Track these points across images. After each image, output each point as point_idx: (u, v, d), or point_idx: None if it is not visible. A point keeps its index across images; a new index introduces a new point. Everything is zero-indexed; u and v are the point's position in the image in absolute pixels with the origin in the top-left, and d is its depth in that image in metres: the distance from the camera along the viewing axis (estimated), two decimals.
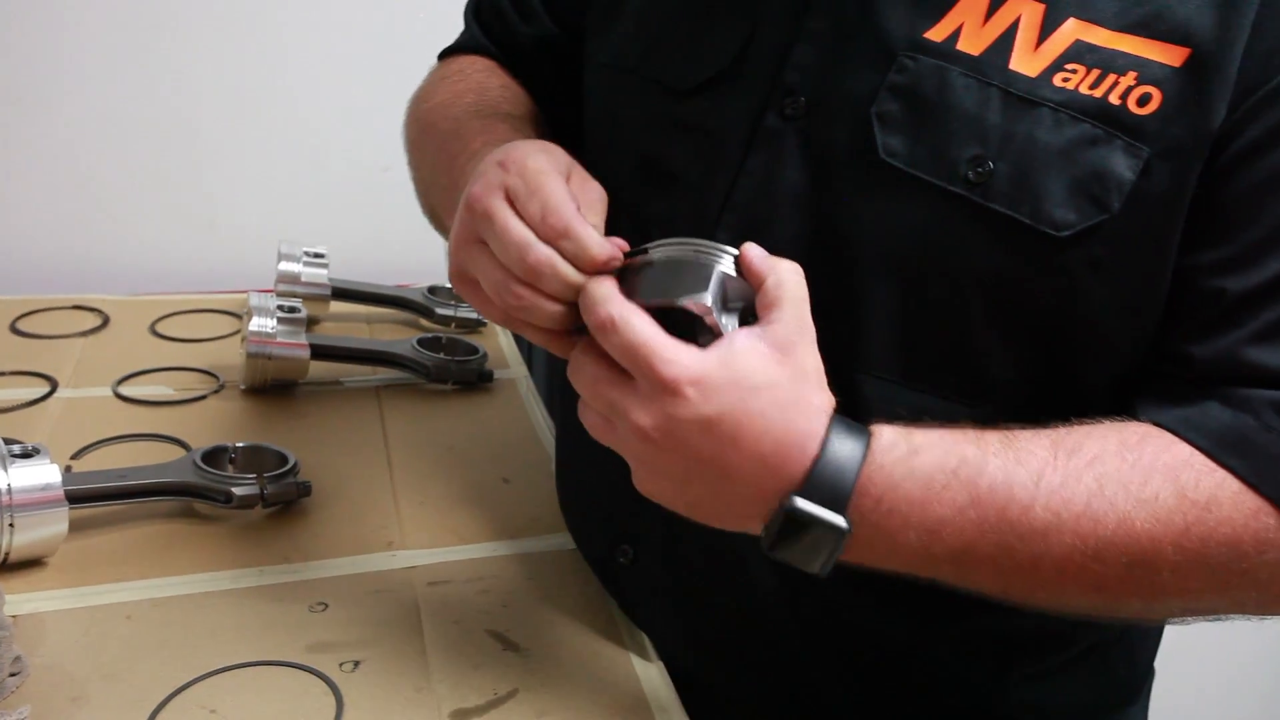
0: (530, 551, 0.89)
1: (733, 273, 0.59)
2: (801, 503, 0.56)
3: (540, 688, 0.73)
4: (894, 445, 0.58)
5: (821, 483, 0.56)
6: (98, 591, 0.79)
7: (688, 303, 0.58)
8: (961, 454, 0.58)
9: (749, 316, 0.59)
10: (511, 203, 0.61)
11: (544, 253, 0.59)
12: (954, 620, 0.73)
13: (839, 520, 0.56)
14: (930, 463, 0.57)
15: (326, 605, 0.80)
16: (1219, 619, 0.62)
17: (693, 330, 0.59)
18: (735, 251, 0.59)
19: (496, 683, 0.73)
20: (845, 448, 0.57)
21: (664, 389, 0.55)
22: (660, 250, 0.60)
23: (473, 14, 0.99)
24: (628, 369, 0.57)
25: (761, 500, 0.57)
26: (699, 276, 0.59)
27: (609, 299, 0.57)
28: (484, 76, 0.92)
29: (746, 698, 0.79)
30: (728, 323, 0.59)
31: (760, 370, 0.56)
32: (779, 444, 0.56)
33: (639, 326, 0.56)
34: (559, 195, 0.60)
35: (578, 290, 0.59)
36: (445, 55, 1.00)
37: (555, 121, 0.88)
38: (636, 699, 0.74)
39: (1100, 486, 0.57)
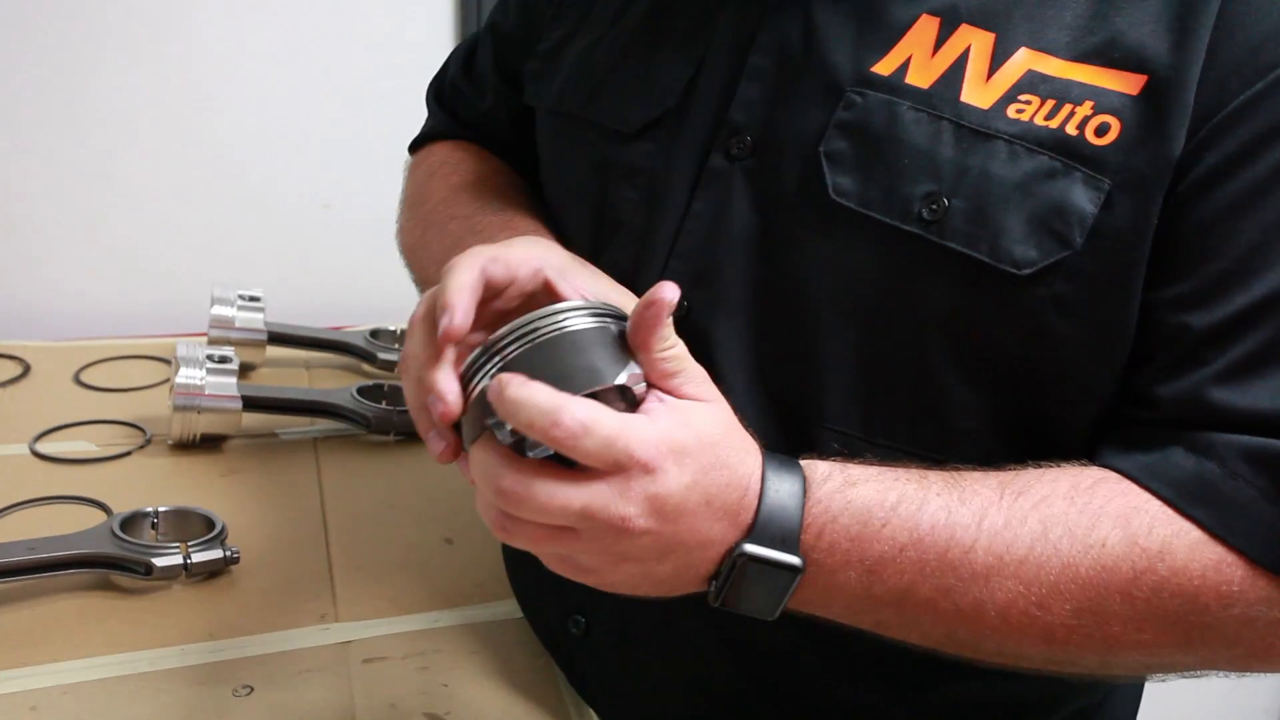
0: (474, 621, 0.84)
1: (602, 325, 0.54)
2: (753, 548, 0.54)
3: None
4: (829, 477, 0.55)
5: (770, 524, 0.54)
6: (1, 678, 0.73)
7: (623, 380, 0.52)
8: (901, 490, 0.55)
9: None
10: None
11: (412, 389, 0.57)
12: (926, 689, 0.69)
13: (793, 559, 0.54)
14: (868, 496, 0.55)
15: (252, 689, 0.74)
16: (1194, 675, 0.59)
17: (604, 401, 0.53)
18: (573, 304, 0.54)
19: None
20: (785, 485, 0.54)
21: (644, 471, 0.50)
22: (515, 344, 0.53)
23: (434, 98, 0.98)
24: (595, 466, 0.50)
25: (719, 557, 0.55)
26: (603, 347, 0.53)
27: (565, 404, 0.49)
28: (474, 163, 0.89)
29: None
30: (638, 377, 0.54)
31: (710, 421, 0.53)
32: (738, 491, 0.53)
33: (606, 420, 0.50)
34: (415, 334, 0.57)
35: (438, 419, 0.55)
36: (416, 146, 0.96)
37: (537, 187, 0.85)
38: None
39: (1045, 530, 0.55)
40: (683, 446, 0.51)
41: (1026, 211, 0.57)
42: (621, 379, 0.52)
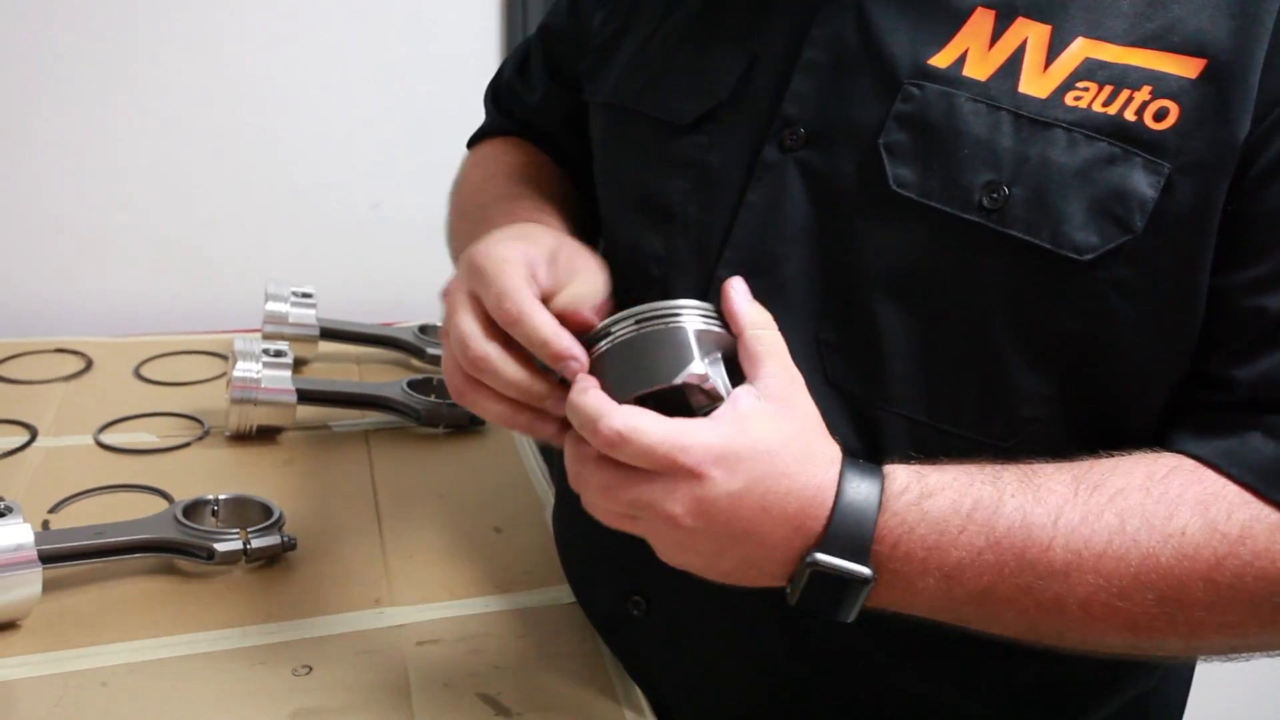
0: (523, 607, 0.85)
1: (703, 326, 0.58)
2: (824, 557, 0.55)
3: None
4: (906, 489, 0.56)
5: (841, 534, 0.55)
6: (72, 656, 0.75)
7: (685, 378, 0.56)
8: (976, 495, 0.56)
9: (730, 363, 0.58)
10: (475, 296, 0.62)
11: (483, 349, 0.60)
12: (980, 671, 0.69)
13: (863, 570, 0.55)
14: (944, 505, 0.56)
15: (310, 668, 0.75)
16: (1277, 654, 0.59)
17: (682, 396, 0.57)
18: (696, 304, 0.59)
19: None
20: (860, 496, 0.56)
21: (690, 476, 0.54)
22: (624, 328, 0.59)
23: (491, 99, 1.01)
24: (646, 468, 0.55)
25: (789, 560, 0.57)
26: (675, 347, 0.57)
27: (606, 412, 0.55)
28: (511, 156, 0.92)
29: None
30: (718, 378, 0.57)
31: (773, 430, 0.55)
32: (802, 501, 0.55)
33: (648, 429, 0.54)
34: (512, 283, 0.60)
35: (516, 387, 0.60)
36: (473, 142, 1.00)
37: (587, 182, 0.86)
38: None
39: (1122, 523, 0.55)
40: (735, 454, 0.54)
41: (1087, 198, 0.57)
42: (680, 379, 0.56)
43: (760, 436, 0.54)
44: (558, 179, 0.90)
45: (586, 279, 0.63)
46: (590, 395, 0.56)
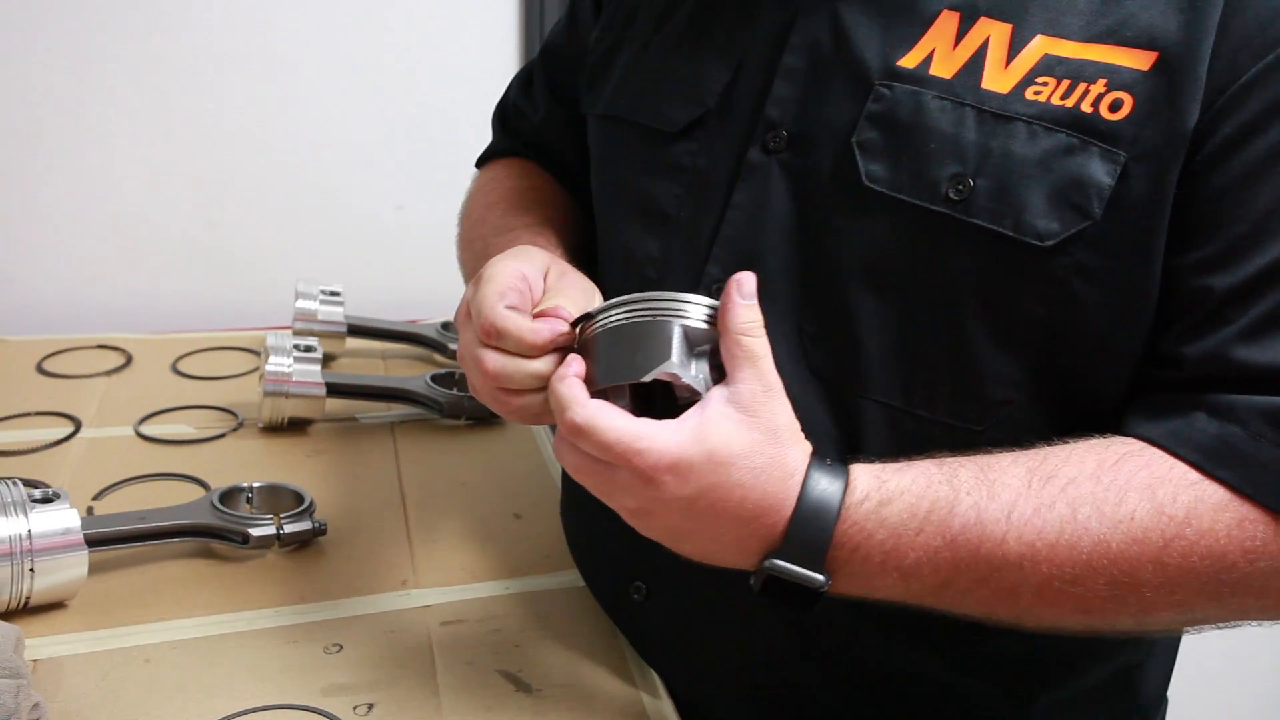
0: (541, 589, 0.87)
1: (694, 322, 0.58)
2: (780, 563, 0.57)
3: None
4: (866, 497, 0.58)
5: (798, 542, 0.57)
6: (117, 634, 0.78)
7: (656, 375, 0.57)
8: (934, 497, 0.58)
9: (717, 358, 0.59)
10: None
11: (494, 361, 0.62)
12: (973, 645, 0.70)
13: (817, 577, 0.57)
14: (902, 510, 0.58)
15: (341, 646, 0.78)
16: (1229, 626, 0.61)
17: (667, 387, 0.58)
18: (694, 299, 0.59)
19: None
20: (819, 505, 0.57)
21: (643, 478, 0.56)
22: (614, 315, 0.59)
23: (499, 120, 1.02)
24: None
25: (748, 553, 0.59)
26: (660, 341, 0.58)
27: (572, 402, 0.57)
28: (513, 182, 0.94)
29: None
30: (699, 375, 0.58)
31: (732, 439, 0.56)
32: (757, 510, 0.57)
33: (605, 426, 0.56)
34: (488, 301, 0.62)
35: (539, 376, 0.61)
36: (481, 162, 1.02)
37: (589, 196, 0.88)
38: None
39: (1074, 512, 0.56)
40: (688, 463, 0.55)
41: (1047, 186, 0.59)
42: (650, 376, 0.57)
43: (716, 447, 0.55)
44: (558, 201, 0.92)
45: (571, 291, 0.65)
46: (566, 383, 0.58)
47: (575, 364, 0.60)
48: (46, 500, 0.79)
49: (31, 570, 0.76)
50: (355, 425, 1.14)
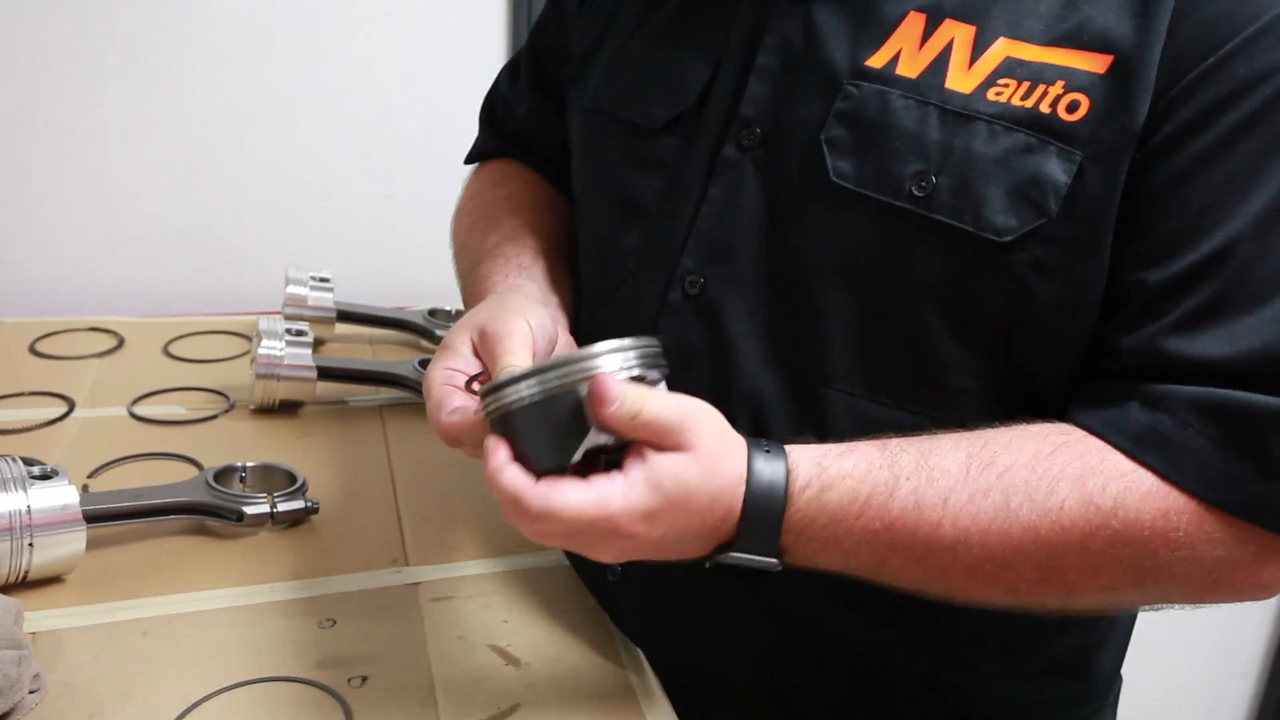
0: (528, 568, 0.88)
1: (611, 375, 0.56)
2: (738, 555, 0.60)
3: (540, 702, 0.72)
4: (808, 484, 0.59)
5: (749, 536, 0.59)
6: (115, 608, 0.78)
7: (586, 448, 0.56)
8: (874, 482, 0.59)
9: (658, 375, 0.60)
10: None
11: (447, 433, 0.63)
12: (936, 622, 0.72)
13: (771, 562, 0.60)
14: (843, 495, 0.59)
15: (334, 621, 0.78)
16: (1152, 609, 0.63)
17: None
18: (594, 354, 0.57)
19: (499, 697, 0.72)
20: (765, 504, 0.59)
21: (617, 534, 0.56)
22: (527, 387, 0.57)
23: (486, 115, 1.02)
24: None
25: (709, 550, 0.62)
26: (577, 413, 0.56)
27: (521, 493, 0.55)
28: (489, 192, 0.94)
29: (734, 707, 0.78)
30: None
31: (682, 474, 0.57)
32: (715, 522, 0.59)
33: (563, 505, 0.55)
34: (431, 409, 0.64)
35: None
36: (468, 161, 1.02)
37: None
38: (633, 712, 0.73)
39: (1007, 499, 0.58)
40: (653, 512, 0.56)
41: (1006, 184, 0.61)
42: (575, 459, 0.56)
43: (673, 490, 0.56)
44: (539, 202, 0.92)
45: (512, 345, 0.64)
46: (504, 475, 0.56)
47: (500, 451, 0.57)
48: (45, 477, 0.79)
49: (30, 545, 0.76)
50: (345, 408, 1.15)
